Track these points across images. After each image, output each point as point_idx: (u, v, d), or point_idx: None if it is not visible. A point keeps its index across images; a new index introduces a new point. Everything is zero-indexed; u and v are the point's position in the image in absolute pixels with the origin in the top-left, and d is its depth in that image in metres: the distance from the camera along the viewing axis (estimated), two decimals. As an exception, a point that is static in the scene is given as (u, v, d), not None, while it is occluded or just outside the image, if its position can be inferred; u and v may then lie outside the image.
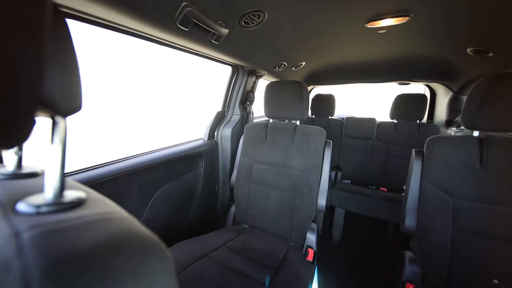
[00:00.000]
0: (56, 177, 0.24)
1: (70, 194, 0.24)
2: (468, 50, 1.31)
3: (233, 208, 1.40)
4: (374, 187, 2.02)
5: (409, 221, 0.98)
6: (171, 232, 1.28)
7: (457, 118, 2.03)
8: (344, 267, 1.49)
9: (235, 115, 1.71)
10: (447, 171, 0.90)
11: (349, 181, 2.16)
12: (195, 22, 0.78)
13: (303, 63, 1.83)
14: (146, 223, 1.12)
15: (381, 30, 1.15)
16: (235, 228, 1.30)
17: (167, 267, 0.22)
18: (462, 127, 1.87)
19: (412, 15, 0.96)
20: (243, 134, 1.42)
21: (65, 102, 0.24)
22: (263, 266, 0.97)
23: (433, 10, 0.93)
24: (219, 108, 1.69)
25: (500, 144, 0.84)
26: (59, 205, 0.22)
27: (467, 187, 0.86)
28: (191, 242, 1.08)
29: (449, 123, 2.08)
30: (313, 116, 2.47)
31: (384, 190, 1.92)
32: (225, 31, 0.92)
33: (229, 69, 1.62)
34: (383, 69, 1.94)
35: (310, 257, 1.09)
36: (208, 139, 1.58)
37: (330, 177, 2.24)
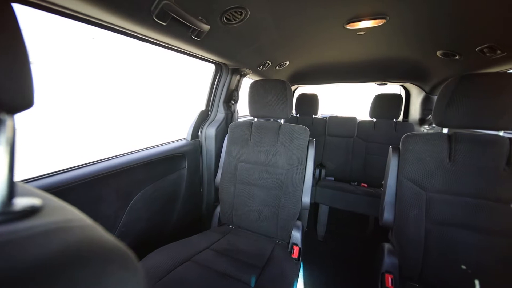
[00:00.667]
0: (2, 183, 0.21)
1: (22, 202, 0.21)
2: (438, 53, 1.40)
3: (218, 209, 1.38)
4: (356, 183, 2.10)
5: (387, 215, 1.03)
6: (153, 236, 1.23)
7: (429, 116, 2.18)
8: (328, 261, 1.54)
9: (219, 114, 1.68)
10: (420, 166, 0.96)
11: (333, 178, 2.22)
12: (173, 16, 0.75)
13: (287, 63, 1.85)
14: (125, 228, 1.06)
15: (360, 31, 1.20)
16: (220, 229, 1.28)
17: (135, 278, 0.20)
18: (434, 125, 2.01)
19: (388, 18, 1.01)
20: (227, 133, 1.40)
21: (11, 97, 0.21)
22: (249, 266, 0.96)
23: (406, 14, 0.98)
24: (203, 107, 1.65)
25: (466, 140, 0.91)
26: (6, 214, 0.19)
27: (438, 181, 0.93)
28: (175, 246, 1.04)
29: (422, 121, 2.23)
30: (298, 115, 2.51)
31: (365, 186, 2.01)
32: (206, 27, 0.89)
33: (212, 67, 1.58)
34: (362, 69, 2.02)
35: (295, 255, 1.10)
36: (191, 139, 1.54)
37: (314, 174, 2.30)
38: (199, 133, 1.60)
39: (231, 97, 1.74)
